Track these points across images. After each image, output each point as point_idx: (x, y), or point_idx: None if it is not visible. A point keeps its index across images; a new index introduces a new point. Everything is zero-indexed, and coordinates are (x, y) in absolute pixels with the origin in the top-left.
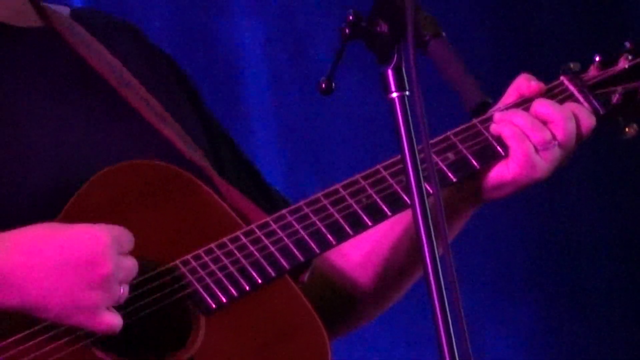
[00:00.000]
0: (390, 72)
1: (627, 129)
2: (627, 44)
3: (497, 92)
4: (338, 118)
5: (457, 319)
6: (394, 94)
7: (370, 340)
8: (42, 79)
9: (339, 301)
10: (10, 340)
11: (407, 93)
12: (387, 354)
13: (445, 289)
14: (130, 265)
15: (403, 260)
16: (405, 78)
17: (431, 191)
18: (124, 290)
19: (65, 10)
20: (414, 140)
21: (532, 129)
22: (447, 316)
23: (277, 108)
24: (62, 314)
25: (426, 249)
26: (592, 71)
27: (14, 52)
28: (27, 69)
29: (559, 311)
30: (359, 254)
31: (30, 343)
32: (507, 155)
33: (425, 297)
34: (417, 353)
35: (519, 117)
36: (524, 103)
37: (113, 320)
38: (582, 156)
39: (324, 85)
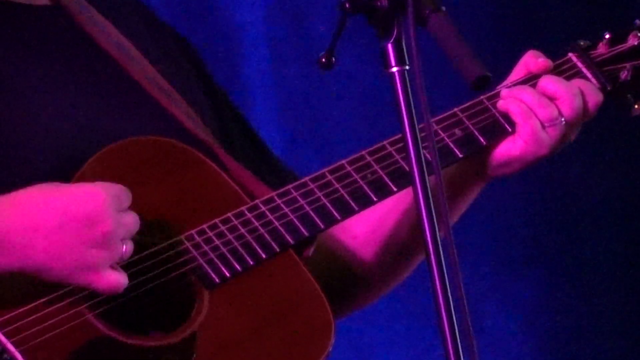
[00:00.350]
0: (390, 46)
1: (636, 106)
2: (637, 22)
3: (501, 69)
4: (338, 93)
5: (457, 294)
6: (394, 69)
7: (370, 313)
8: (50, 56)
9: (343, 277)
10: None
11: (407, 67)
12: (388, 327)
13: (445, 263)
14: (131, 220)
15: (406, 237)
16: (405, 52)
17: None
18: (126, 247)
19: None
20: (414, 114)
21: (538, 105)
22: (447, 290)
23: (277, 83)
24: (65, 273)
25: (426, 224)
26: (601, 48)
27: (23, 29)
28: (35, 46)
29: (559, 286)
30: (363, 230)
31: (40, 314)
32: (513, 131)
33: (425, 271)
34: (418, 326)
35: (526, 93)
36: (531, 80)
37: (118, 279)
38: (584, 129)
39: (324, 60)
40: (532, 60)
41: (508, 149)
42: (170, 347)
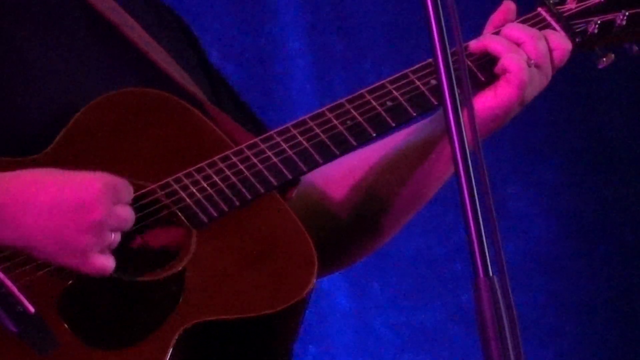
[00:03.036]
0: None
1: (603, 59)
2: None
3: None
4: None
5: (480, 174)
6: None
7: None
8: (46, 17)
9: (323, 219)
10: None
11: None
12: None
13: (467, 142)
14: (125, 215)
15: (378, 183)
16: None
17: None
18: (114, 237)
19: None
20: (441, 14)
21: (507, 50)
22: (469, 172)
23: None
24: (53, 253)
25: (449, 104)
26: (570, 4)
27: None
28: (32, 9)
29: (582, 168)
30: (337, 173)
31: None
32: (487, 82)
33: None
34: (440, 209)
35: (492, 41)
36: (498, 33)
37: (103, 264)
38: None
39: None
40: (498, 16)
41: (486, 99)
42: (160, 282)
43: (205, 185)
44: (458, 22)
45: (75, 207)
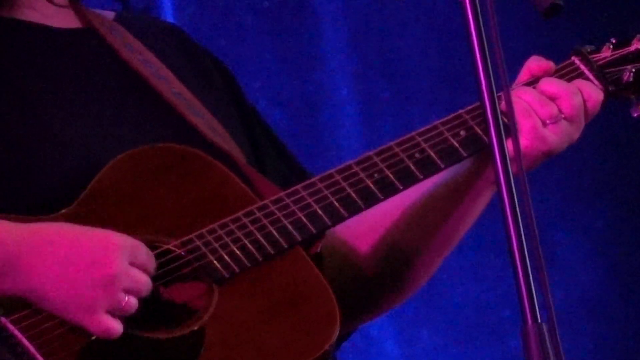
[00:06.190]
0: None
1: (639, 107)
2: None
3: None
4: (409, 22)
5: (528, 223)
6: None
7: None
8: (78, 74)
9: (348, 274)
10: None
11: None
12: (458, 258)
13: (516, 192)
14: (140, 277)
15: (403, 238)
16: None
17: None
18: (129, 300)
19: (109, 15)
20: (485, 41)
21: (538, 103)
22: (517, 219)
23: (347, 12)
24: (61, 306)
25: (497, 154)
26: (605, 52)
27: (51, 51)
28: (63, 66)
29: (629, 215)
30: (363, 227)
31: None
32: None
33: (496, 205)
34: (488, 256)
35: (526, 93)
36: (533, 82)
37: (109, 326)
38: None
39: None
40: (534, 63)
41: (511, 147)
42: (179, 339)
43: (228, 240)
44: (505, 67)
45: (90, 261)
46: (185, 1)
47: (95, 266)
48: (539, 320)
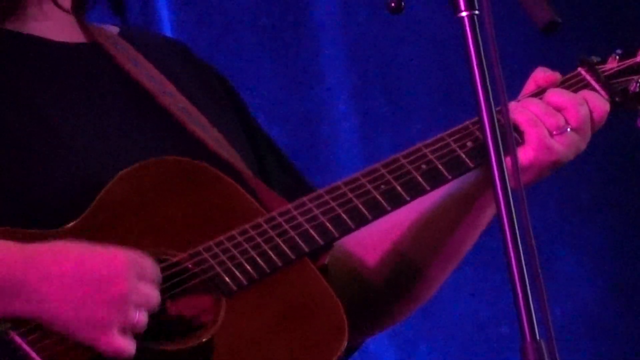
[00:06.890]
0: None
1: None
2: None
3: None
4: (407, 38)
5: (527, 238)
6: (464, 13)
7: None
8: (84, 89)
9: (356, 286)
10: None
11: (477, 12)
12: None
13: (514, 208)
14: (149, 292)
15: (410, 250)
16: None
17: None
18: (140, 316)
19: (113, 29)
20: (484, 60)
21: (545, 114)
22: (516, 235)
23: (345, 28)
24: (73, 327)
25: (495, 169)
26: (611, 63)
27: (56, 65)
28: (69, 80)
29: (629, 230)
30: (371, 239)
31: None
32: (523, 141)
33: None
34: (486, 271)
35: (533, 104)
36: (540, 93)
37: (122, 345)
38: None
39: (393, 5)
40: (540, 74)
41: (519, 158)
42: (188, 351)
43: (235, 253)
44: (503, 84)
45: (98, 279)
46: (184, 17)
47: (105, 285)
48: (538, 337)
